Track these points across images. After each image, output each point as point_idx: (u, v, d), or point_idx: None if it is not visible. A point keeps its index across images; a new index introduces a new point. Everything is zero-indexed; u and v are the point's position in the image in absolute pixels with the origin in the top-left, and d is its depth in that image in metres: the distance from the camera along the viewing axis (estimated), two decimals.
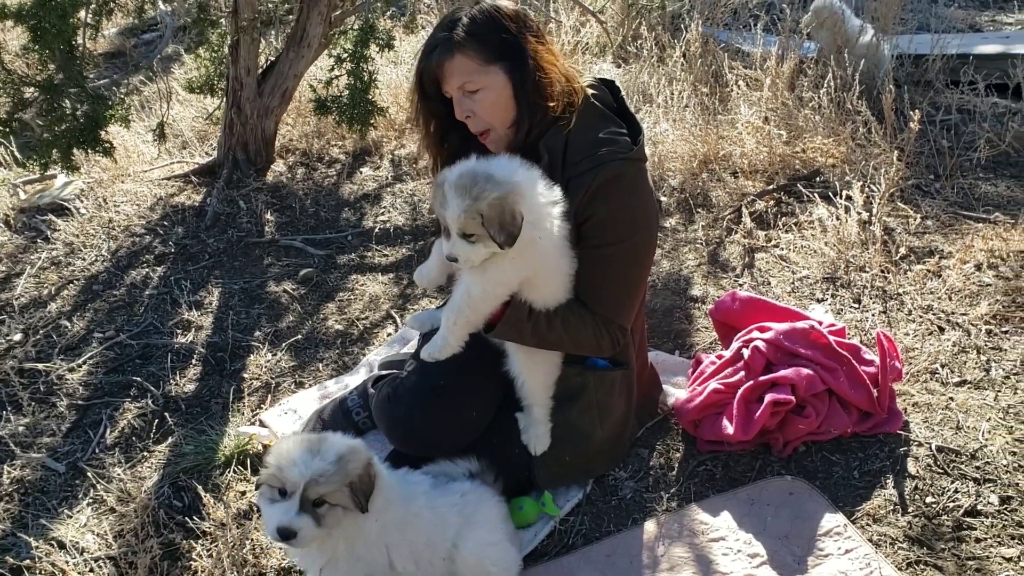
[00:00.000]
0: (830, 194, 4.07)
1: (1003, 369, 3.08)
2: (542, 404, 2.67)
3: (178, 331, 3.78)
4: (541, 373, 2.65)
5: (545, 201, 2.33)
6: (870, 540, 2.50)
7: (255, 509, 2.83)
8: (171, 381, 3.46)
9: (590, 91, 2.58)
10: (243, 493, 2.91)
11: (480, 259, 2.30)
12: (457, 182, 2.26)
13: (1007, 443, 2.76)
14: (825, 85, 4.57)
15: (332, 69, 3.90)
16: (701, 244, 4.08)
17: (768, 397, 2.77)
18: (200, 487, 2.81)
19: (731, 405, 2.83)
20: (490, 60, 2.41)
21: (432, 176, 2.74)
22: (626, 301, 2.60)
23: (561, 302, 2.51)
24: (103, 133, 4.01)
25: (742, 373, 2.89)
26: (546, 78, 2.46)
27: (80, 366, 3.59)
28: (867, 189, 3.91)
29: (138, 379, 3.48)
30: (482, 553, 2.41)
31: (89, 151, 4.02)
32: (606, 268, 2.51)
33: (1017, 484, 2.61)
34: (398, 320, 3.73)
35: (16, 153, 5.03)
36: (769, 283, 3.74)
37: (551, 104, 2.47)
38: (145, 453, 3.13)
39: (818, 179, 4.37)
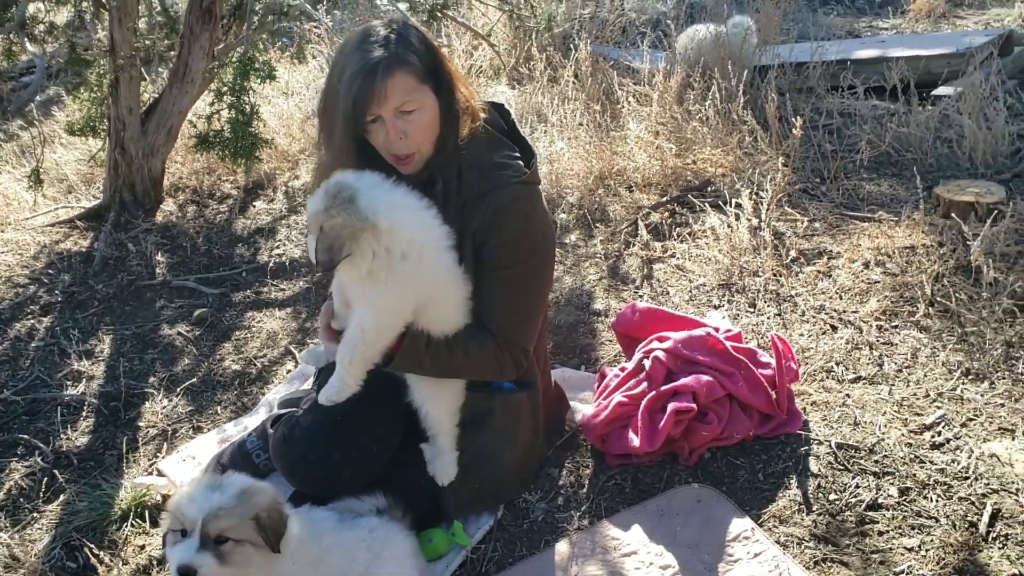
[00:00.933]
0: (720, 203, 4.14)
1: (895, 363, 3.16)
2: (447, 433, 2.62)
3: (68, 383, 3.62)
4: (445, 401, 2.60)
5: (418, 234, 2.28)
6: (778, 542, 2.52)
7: (155, 563, 2.71)
8: (61, 436, 3.30)
9: (483, 114, 2.55)
10: (142, 547, 2.78)
11: (356, 273, 2.26)
12: (327, 187, 2.23)
13: (903, 435, 2.82)
14: (711, 97, 4.67)
15: (213, 103, 3.81)
16: (601, 258, 4.10)
17: (671, 406, 2.77)
18: (93, 545, 2.69)
19: (636, 417, 2.84)
20: (423, 80, 2.35)
21: None
22: (526, 323, 2.58)
23: (460, 326, 2.47)
24: None
25: (644, 384, 2.90)
26: (463, 101, 2.44)
27: None
28: (756, 196, 3.99)
29: (25, 437, 3.31)
30: None
31: None
32: (505, 291, 2.49)
33: (914, 475, 2.67)
34: (297, 356, 3.64)
35: None
36: (668, 292, 3.78)
37: (465, 128, 2.44)
38: (35, 514, 2.97)
39: (709, 189, 4.45)
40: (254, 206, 4.96)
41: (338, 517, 2.41)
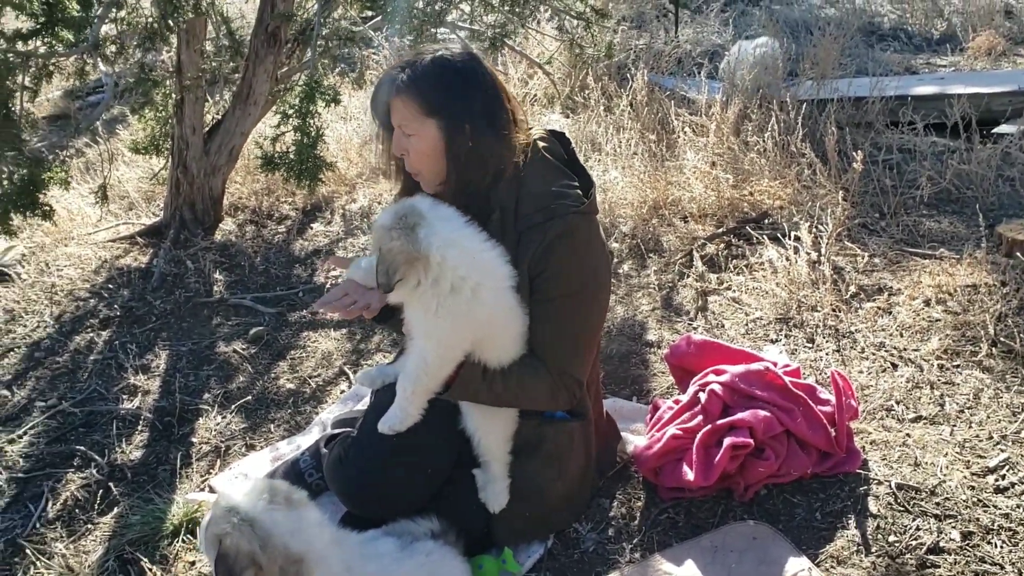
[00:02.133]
0: (779, 235, 4.10)
1: (957, 403, 3.09)
2: (500, 459, 2.62)
3: (124, 396, 3.67)
4: (498, 428, 2.60)
5: (473, 272, 2.29)
6: None
7: None
8: (116, 449, 3.35)
9: (541, 144, 2.56)
10: (192, 563, 2.80)
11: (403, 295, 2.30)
12: (399, 207, 2.30)
13: (965, 478, 2.76)
14: (769, 129, 4.64)
15: (278, 125, 3.87)
16: (654, 289, 4.08)
17: (727, 441, 2.74)
18: (146, 559, 2.72)
19: (690, 451, 2.80)
20: (426, 113, 2.37)
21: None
22: (581, 353, 2.56)
23: (515, 358, 2.47)
24: (42, 196, 3.93)
25: (700, 417, 2.86)
26: (477, 150, 2.39)
27: (21, 437, 3.47)
28: (815, 229, 3.95)
29: (82, 448, 3.36)
30: None
31: (27, 215, 3.94)
32: (559, 321, 2.48)
33: (977, 519, 2.60)
34: (351, 377, 3.66)
35: None
36: (723, 325, 3.75)
37: (483, 175, 2.42)
38: (89, 526, 3.01)
39: (766, 221, 4.42)
40: (311, 228, 5.02)
41: (398, 544, 2.40)
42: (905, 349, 3.41)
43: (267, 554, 2.04)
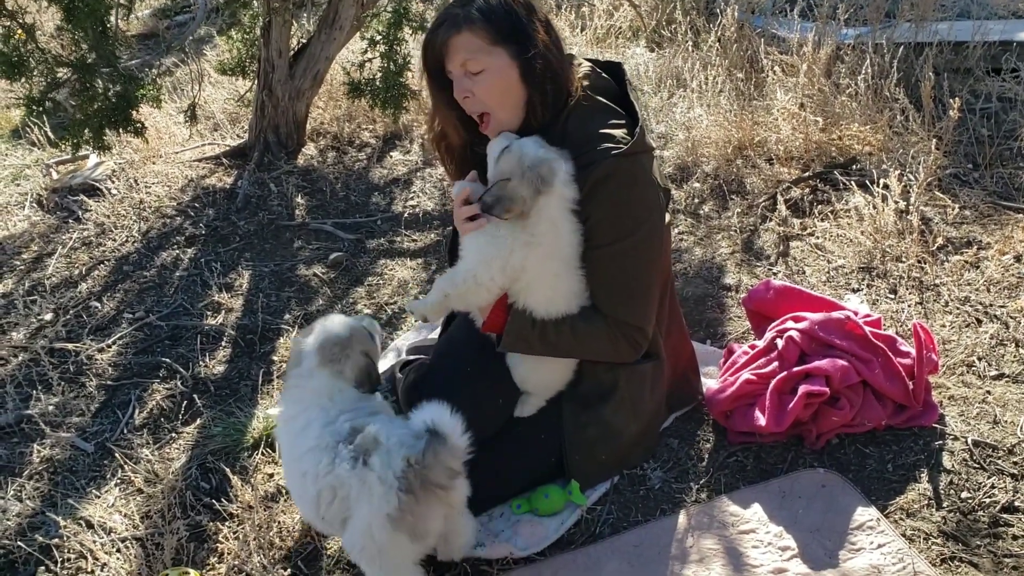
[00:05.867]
0: (867, 182, 3.99)
1: None
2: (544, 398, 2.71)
3: (208, 313, 3.78)
4: (544, 385, 2.68)
5: (548, 237, 2.37)
6: (903, 535, 2.46)
7: (282, 491, 2.83)
8: (200, 363, 3.46)
9: (585, 82, 2.49)
10: (271, 476, 2.90)
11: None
12: (545, 154, 2.35)
13: None
14: (863, 72, 4.49)
15: (365, 52, 3.87)
16: (735, 231, 4.02)
17: (802, 388, 2.72)
18: (228, 469, 2.83)
19: (764, 396, 2.79)
20: (496, 40, 2.34)
21: (436, 151, 2.74)
22: (637, 301, 2.51)
23: (567, 311, 2.47)
24: (135, 113, 4.01)
25: (775, 364, 2.84)
26: (551, 68, 2.39)
27: (110, 346, 3.61)
28: (904, 177, 3.83)
29: (167, 360, 3.49)
30: None
31: (121, 131, 4.03)
32: (610, 269, 2.44)
33: None
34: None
35: (49, 133, 5.06)
36: (804, 272, 3.68)
37: (559, 96, 2.41)
38: (173, 434, 3.14)
39: (854, 167, 4.29)
40: (391, 156, 5.05)
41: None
42: (991, 305, 3.31)
43: None
